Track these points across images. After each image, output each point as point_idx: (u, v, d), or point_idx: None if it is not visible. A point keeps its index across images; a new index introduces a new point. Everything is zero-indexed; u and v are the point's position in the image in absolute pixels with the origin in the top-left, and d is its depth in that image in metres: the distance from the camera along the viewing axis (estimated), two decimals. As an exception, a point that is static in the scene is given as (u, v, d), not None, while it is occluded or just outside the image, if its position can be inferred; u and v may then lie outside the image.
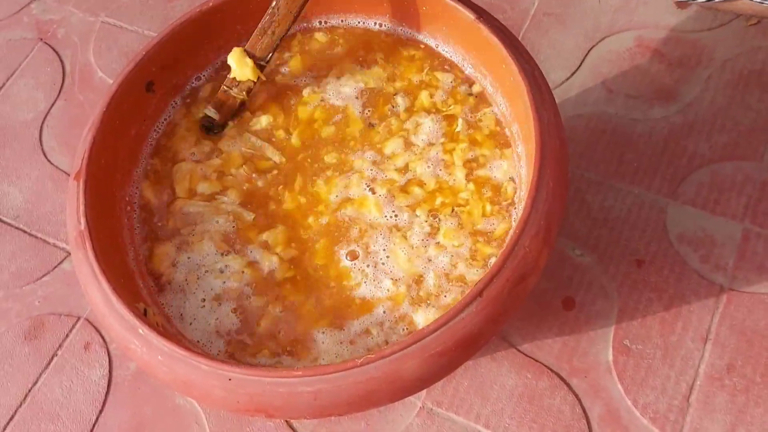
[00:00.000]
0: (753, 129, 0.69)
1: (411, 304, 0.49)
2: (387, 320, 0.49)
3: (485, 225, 0.51)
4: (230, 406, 0.42)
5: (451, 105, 0.56)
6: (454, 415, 0.60)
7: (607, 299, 0.63)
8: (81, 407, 0.65)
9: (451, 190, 0.53)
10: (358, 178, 0.53)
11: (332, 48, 0.60)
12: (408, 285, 0.50)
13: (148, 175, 0.56)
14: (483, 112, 0.55)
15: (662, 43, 0.75)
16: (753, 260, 0.63)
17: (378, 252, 0.51)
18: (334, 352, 0.48)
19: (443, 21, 0.56)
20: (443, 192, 0.53)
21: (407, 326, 0.48)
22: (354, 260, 0.51)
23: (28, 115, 0.83)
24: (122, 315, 0.44)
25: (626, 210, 0.67)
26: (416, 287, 0.49)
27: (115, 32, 0.87)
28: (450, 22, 0.55)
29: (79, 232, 0.47)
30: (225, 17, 0.57)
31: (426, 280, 0.50)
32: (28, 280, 0.72)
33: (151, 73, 0.55)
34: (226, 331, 0.50)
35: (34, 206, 0.76)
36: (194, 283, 0.51)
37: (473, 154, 0.54)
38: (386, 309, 0.49)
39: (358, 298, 0.50)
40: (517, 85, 0.49)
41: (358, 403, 0.41)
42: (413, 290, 0.49)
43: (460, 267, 0.50)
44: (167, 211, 0.54)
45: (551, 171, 0.45)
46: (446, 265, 0.50)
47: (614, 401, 0.59)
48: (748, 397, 0.58)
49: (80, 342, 0.68)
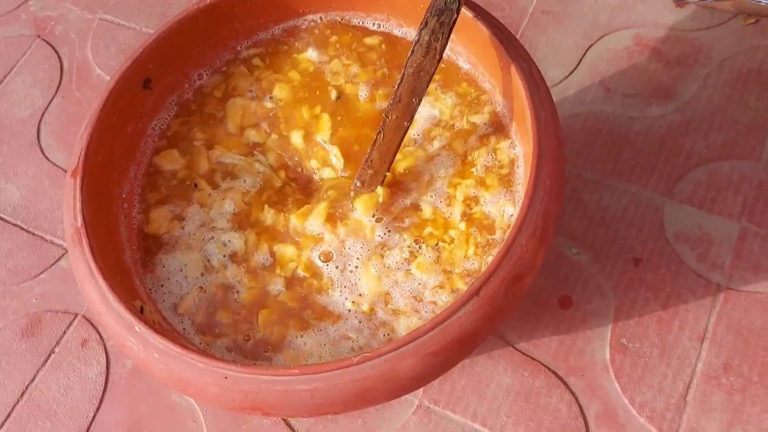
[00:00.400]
0: (751, 128, 0.69)
1: (386, 314, 0.49)
2: (365, 328, 0.49)
3: (463, 266, 0.50)
4: (226, 403, 0.42)
5: (476, 151, 0.54)
6: (451, 413, 0.60)
7: (604, 298, 0.63)
8: (78, 404, 0.65)
9: (444, 224, 0.52)
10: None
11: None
12: (372, 303, 0.49)
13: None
14: (499, 153, 0.54)
15: (660, 42, 0.75)
16: (750, 259, 0.63)
17: (351, 258, 0.51)
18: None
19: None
20: (435, 223, 0.52)
21: (388, 332, 0.48)
22: (326, 262, 0.51)
23: (25, 112, 0.83)
24: (119, 313, 0.44)
25: (623, 208, 0.67)
26: (383, 304, 0.49)
27: (112, 29, 0.87)
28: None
29: (76, 230, 0.47)
30: (222, 15, 0.57)
31: (394, 298, 0.49)
32: (26, 277, 0.72)
33: (148, 70, 0.55)
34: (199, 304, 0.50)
35: (32, 203, 0.76)
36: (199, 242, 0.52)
37: (475, 192, 0.52)
38: (360, 319, 0.49)
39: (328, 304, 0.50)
40: (514, 83, 0.49)
41: (354, 401, 0.42)
42: (380, 306, 0.49)
43: (426, 294, 0.49)
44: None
45: (548, 170, 0.45)
46: (413, 290, 0.50)
47: (611, 400, 0.59)
48: (745, 396, 0.58)
49: (77, 339, 0.68)
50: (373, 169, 0.51)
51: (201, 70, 0.59)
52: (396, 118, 0.49)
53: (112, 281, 0.45)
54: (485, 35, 0.51)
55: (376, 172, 0.51)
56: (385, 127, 0.50)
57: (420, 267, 0.50)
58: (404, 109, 0.49)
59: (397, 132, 0.50)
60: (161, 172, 0.56)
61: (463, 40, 0.56)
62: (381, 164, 0.51)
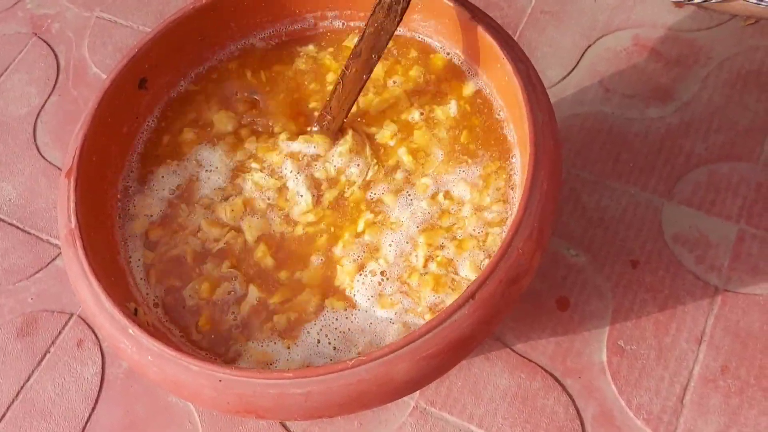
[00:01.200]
0: (750, 129, 0.69)
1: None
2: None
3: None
4: (220, 406, 0.42)
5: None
6: (448, 415, 0.60)
7: (602, 299, 0.63)
8: (73, 405, 0.64)
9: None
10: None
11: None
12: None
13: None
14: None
15: (659, 42, 0.75)
16: (748, 261, 0.63)
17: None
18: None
19: (438, 19, 0.56)
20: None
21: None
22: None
23: (21, 111, 0.82)
24: (112, 315, 0.44)
25: (621, 210, 0.67)
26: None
27: (109, 27, 0.87)
28: (445, 20, 0.55)
29: (70, 230, 0.46)
30: (219, 14, 0.57)
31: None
32: (21, 276, 0.72)
33: (143, 70, 0.55)
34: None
35: (28, 202, 0.76)
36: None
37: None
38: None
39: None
40: (511, 84, 0.48)
41: (350, 404, 0.41)
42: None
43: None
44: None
45: (545, 172, 0.44)
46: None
47: (608, 402, 0.59)
48: (742, 398, 0.58)
49: (73, 339, 0.67)
50: (332, 115, 0.55)
51: (197, 69, 0.59)
52: (355, 71, 0.53)
53: (105, 283, 0.45)
54: (482, 36, 0.51)
55: (334, 117, 0.55)
56: (344, 78, 0.53)
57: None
58: (363, 64, 0.52)
59: (355, 83, 0.53)
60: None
61: (460, 41, 0.55)
62: (339, 111, 0.55)
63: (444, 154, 0.54)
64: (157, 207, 0.54)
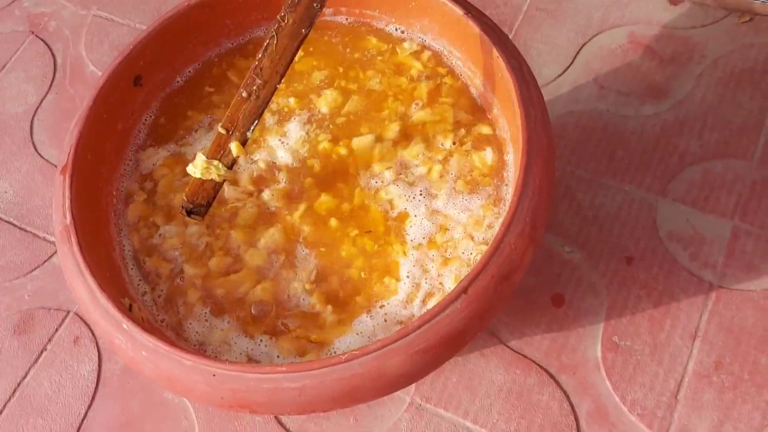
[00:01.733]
0: (744, 127, 0.69)
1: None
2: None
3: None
4: (214, 401, 0.42)
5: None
6: (443, 411, 0.60)
7: (597, 296, 0.63)
8: (70, 401, 0.64)
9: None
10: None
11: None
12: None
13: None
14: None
15: (654, 40, 0.75)
16: (742, 258, 0.63)
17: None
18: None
19: (432, 17, 0.56)
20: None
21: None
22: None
23: (18, 109, 0.82)
24: (107, 310, 0.44)
25: (616, 207, 0.67)
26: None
27: (106, 25, 0.87)
28: (438, 17, 0.55)
29: (65, 227, 0.47)
30: (214, 12, 0.57)
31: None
32: (18, 273, 0.72)
33: (139, 67, 0.55)
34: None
35: (24, 200, 0.76)
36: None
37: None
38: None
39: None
40: (505, 81, 0.48)
41: (343, 399, 0.41)
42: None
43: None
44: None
45: (538, 169, 0.45)
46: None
47: (602, 398, 0.59)
48: (736, 394, 0.58)
49: (69, 336, 0.67)
50: (263, 78, 0.45)
51: (191, 66, 0.59)
52: (293, 23, 0.44)
53: (100, 279, 0.45)
54: (475, 33, 0.51)
55: (266, 82, 0.45)
56: (279, 31, 0.44)
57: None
58: (303, 13, 0.43)
59: (293, 39, 0.44)
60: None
61: (453, 38, 0.56)
62: (272, 74, 0.45)
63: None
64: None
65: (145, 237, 0.53)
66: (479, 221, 0.51)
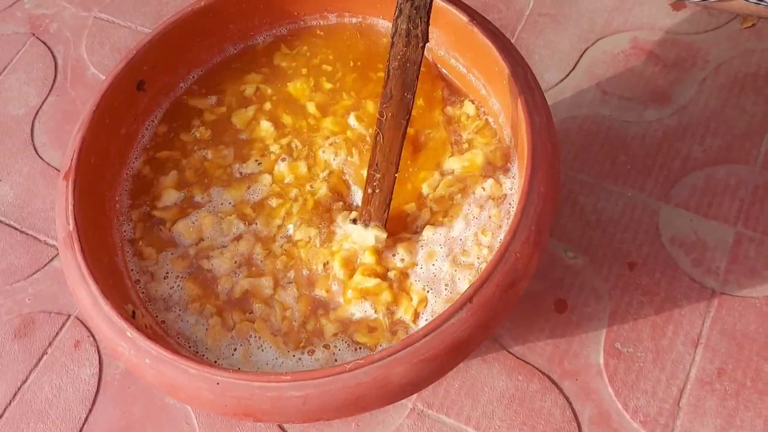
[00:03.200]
0: (747, 132, 0.69)
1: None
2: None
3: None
4: (218, 409, 0.42)
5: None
6: (445, 417, 0.60)
7: (599, 302, 0.63)
8: (71, 406, 0.64)
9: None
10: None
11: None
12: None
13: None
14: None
15: (657, 45, 0.75)
16: (745, 264, 0.63)
17: None
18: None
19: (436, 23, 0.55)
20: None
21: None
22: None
23: (19, 111, 0.82)
24: (110, 317, 0.44)
25: (619, 212, 0.67)
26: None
27: (108, 28, 0.87)
28: (443, 24, 0.55)
29: (68, 233, 0.46)
30: (218, 16, 0.57)
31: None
32: (18, 277, 0.71)
33: (142, 71, 0.55)
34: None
35: (25, 203, 0.76)
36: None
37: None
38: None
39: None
40: (509, 88, 0.48)
41: (347, 408, 0.41)
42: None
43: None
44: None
45: (542, 176, 0.45)
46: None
47: (605, 404, 0.59)
48: (739, 401, 0.58)
49: (70, 340, 0.67)
50: (381, 172, 0.49)
51: (195, 71, 0.59)
52: (392, 116, 0.47)
53: (103, 285, 0.44)
54: (479, 39, 0.51)
55: (384, 175, 0.50)
56: (382, 127, 0.48)
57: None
58: (398, 105, 0.46)
59: (396, 130, 0.47)
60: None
61: (456, 45, 0.55)
62: (387, 165, 0.49)
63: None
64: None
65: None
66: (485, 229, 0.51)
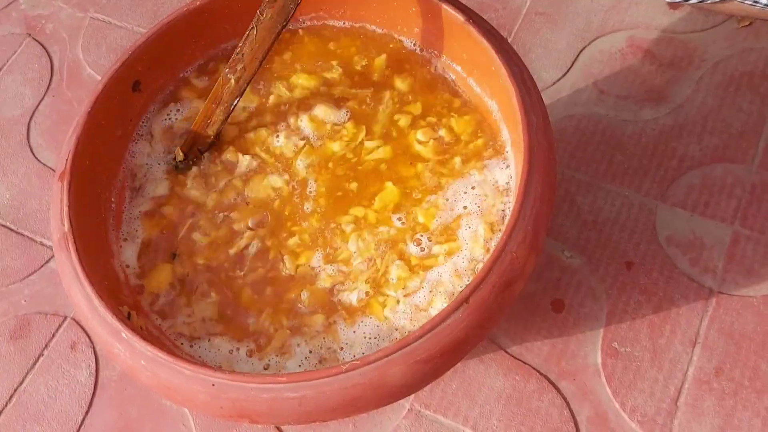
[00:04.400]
0: (744, 131, 0.69)
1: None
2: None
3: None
4: (214, 411, 0.42)
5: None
6: (442, 418, 0.60)
7: (596, 301, 0.63)
8: (67, 408, 0.64)
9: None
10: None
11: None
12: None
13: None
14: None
15: (654, 44, 0.75)
16: (742, 263, 0.63)
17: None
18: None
19: (432, 23, 0.55)
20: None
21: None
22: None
23: (15, 112, 0.82)
24: (105, 319, 0.43)
25: (616, 211, 0.67)
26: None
27: (104, 28, 0.87)
28: (439, 24, 0.55)
29: (63, 234, 0.46)
30: (212, 16, 0.57)
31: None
32: (15, 278, 0.71)
33: (137, 72, 0.55)
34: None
35: (21, 204, 0.76)
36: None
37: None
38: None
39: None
40: (506, 87, 0.48)
41: (344, 409, 0.41)
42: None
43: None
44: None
45: (539, 176, 0.44)
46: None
47: (602, 404, 0.59)
48: (736, 400, 0.58)
49: (67, 342, 0.67)
50: (244, 63, 0.52)
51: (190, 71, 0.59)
52: (270, 18, 0.50)
53: (99, 287, 0.44)
54: (476, 38, 0.51)
55: (246, 66, 0.52)
56: (258, 24, 0.51)
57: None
58: (279, 10, 0.49)
59: (270, 32, 0.51)
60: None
61: (453, 44, 0.55)
62: (251, 60, 0.52)
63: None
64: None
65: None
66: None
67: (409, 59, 0.58)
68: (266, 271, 0.51)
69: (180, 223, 0.54)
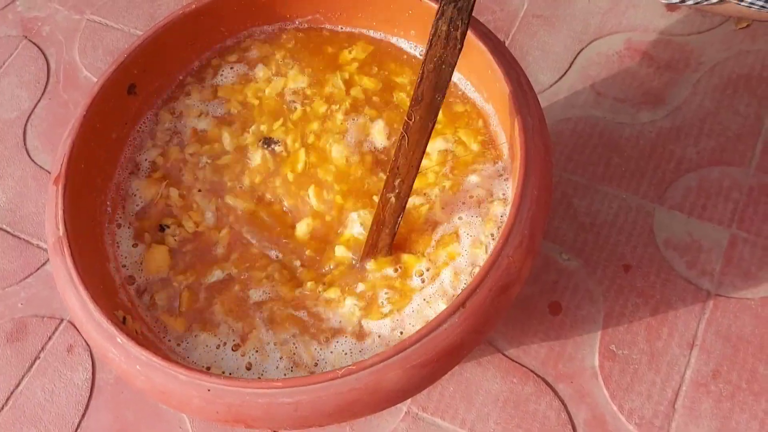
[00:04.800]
0: (741, 134, 0.69)
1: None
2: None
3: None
4: (209, 416, 0.42)
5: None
6: (440, 420, 0.60)
7: (594, 304, 0.63)
8: (64, 411, 0.64)
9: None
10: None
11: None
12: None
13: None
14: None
15: (651, 46, 0.75)
16: (739, 266, 0.63)
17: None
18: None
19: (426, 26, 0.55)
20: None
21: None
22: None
23: (11, 114, 0.82)
24: (100, 323, 0.43)
25: (613, 214, 0.67)
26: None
27: (100, 30, 0.86)
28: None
29: (58, 239, 0.46)
30: (209, 20, 0.56)
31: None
32: (11, 281, 0.71)
33: (133, 75, 0.54)
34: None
35: (18, 206, 0.76)
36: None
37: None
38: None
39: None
40: (502, 91, 0.48)
41: (340, 414, 0.41)
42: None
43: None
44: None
45: (535, 179, 0.44)
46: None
47: (600, 407, 0.59)
48: (734, 403, 0.58)
49: (63, 345, 0.67)
50: (401, 176, 0.48)
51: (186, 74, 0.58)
52: (420, 119, 0.45)
53: (94, 291, 0.44)
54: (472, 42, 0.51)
55: (404, 179, 0.48)
56: (408, 129, 0.46)
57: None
58: (427, 108, 0.45)
59: (422, 134, 0.46)
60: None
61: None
62: (408, 170, 0.47)
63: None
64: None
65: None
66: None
67: (410, 62, 0.58)
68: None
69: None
